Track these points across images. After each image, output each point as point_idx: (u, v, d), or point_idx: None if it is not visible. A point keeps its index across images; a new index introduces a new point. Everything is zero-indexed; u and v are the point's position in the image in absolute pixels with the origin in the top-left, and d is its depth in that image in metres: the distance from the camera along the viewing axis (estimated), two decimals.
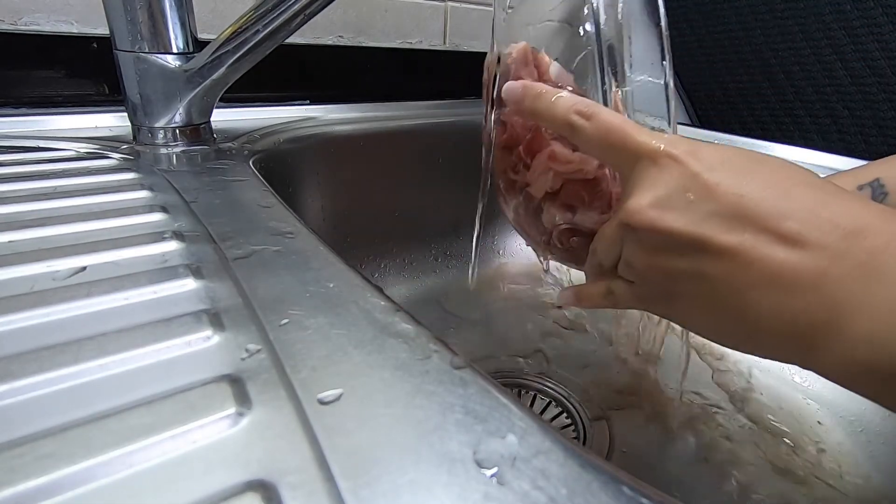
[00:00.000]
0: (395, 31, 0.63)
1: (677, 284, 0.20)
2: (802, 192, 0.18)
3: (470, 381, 0.16)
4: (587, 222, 0.26)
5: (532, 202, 0.28)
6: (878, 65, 0.50)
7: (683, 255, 0.19)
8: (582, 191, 0.25)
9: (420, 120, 0.59)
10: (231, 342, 0.17)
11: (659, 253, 0.20)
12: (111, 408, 0.14)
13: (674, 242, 0.19)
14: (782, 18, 0.56)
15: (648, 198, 0.20)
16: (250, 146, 0.43)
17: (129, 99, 0.39)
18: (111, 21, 0.36)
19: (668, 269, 0.20)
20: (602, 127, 0.21)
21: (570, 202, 0.26)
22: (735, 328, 0.19)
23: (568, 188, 0.26)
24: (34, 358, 0.16)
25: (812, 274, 0.16)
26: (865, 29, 0.50)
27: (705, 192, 0.19)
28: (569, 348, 0.52)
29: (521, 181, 0.28)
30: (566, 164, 0.25)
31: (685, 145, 0.20)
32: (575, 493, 0.12)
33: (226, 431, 0.13)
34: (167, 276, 0.21)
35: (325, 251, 0.24)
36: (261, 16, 0.36)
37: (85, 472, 0.12)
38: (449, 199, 0.61)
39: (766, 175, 0.18)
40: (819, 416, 0.43)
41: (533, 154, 0.26)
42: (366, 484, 0.12)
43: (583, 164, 0.25)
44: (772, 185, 0.18)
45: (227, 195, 0.31)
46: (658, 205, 0.20)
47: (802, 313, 0.17)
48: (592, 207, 0.26)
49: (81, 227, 0.25)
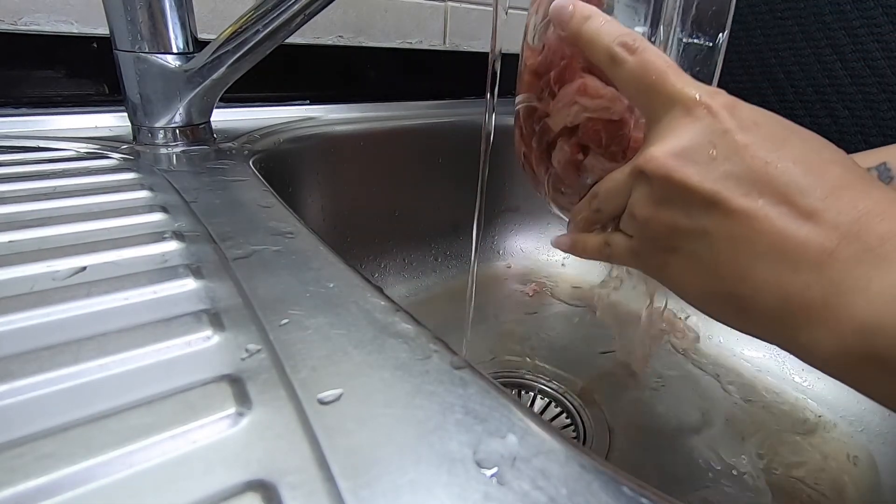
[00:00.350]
0: (395, 31, 0.63)
1: (678, 242, 0.20)
2: (830, 170, 0.17)
3: (470, 381, 0.16)
4: (597, 167, 0.25)
5: (547, 135, 0.26)
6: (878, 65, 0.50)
7: (692, 212, 0.19)
8: (602, 132, 0.24)
9: (420, 120, 0.59)
10: (231, 342, 0.17)
11: (667, 206, 0.20)
12: (111, 408, 0.14)
13: (686, 197, 0.19)
14: (782, 18, 0.56)
15: (671, 146, 0.19)
16: (250, 146, 0.43)
17: (129, 99, 0.39)
18: (111, 21, 0.36)
19: (673, 225, 0.20)
20: (644, 64, 0.20)
21: (587, 141, 0.25)
22: (727, 297, 0.19)
23: (588, 126, 0.24)
24: (34, 358, 0.16)
25: (818, 252, 0.16)
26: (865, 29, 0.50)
27: (732, 151, 0.18)
28: (569, 348, 0.52)
29: (542, 110, 0.26)
30: (595, 100, 0.24)
31: (724, 98, 0.19)
32: (575, 493, 0.12)
33: (226, 431, 0.13)
34: (167, 276, 0.21)
35: (325, 251, 0.24)
36: (261, 16, 0.36)
37: (85, 472, 0.12)
38: (449, 199, 0.61)
39: (797, 146, 0.18)
40: (819, 416, 0.43)
41: (562, 83, 0.25)
42: (366, 484, 0.12)
43: (612, 102, 0.23)
44: (801, 158, 0.17)
45: (227, 195, 0.31)
46: (679, 155, 0.19)
47: (799, 291, 0.17)
48: (608, 152, 0.24)
49: (81, 227, 0.25)
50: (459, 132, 0.60)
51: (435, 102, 0.67)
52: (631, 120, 0.24)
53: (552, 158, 0.26)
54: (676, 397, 0.45)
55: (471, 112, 0.64)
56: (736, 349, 0.49)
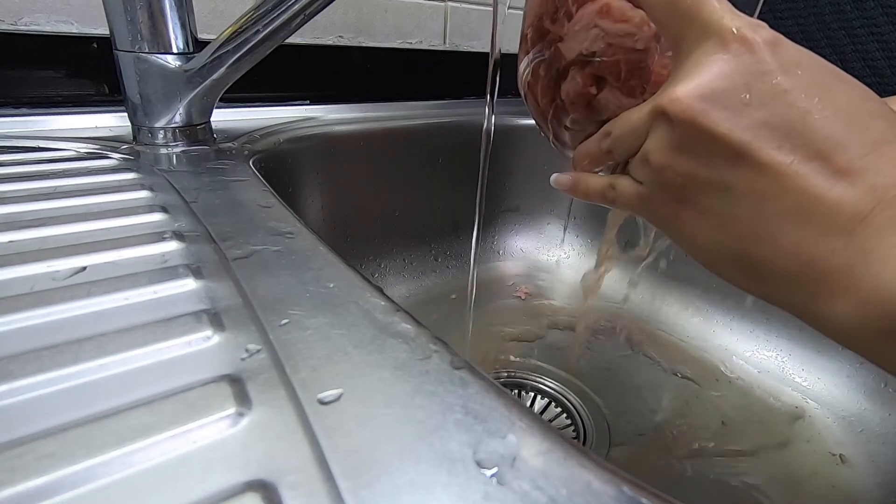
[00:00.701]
0: (395, 31, 0.63)
1: (694, 194, 0.18)
2: (874, 124, 0.16)
3: (470, 381, 0.16)
4: (612, 103, 0.22)
5: (558, 62, 0.24)
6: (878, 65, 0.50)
7: (715, 162, 0.17)
8: (622, 62, 0.21)
9: (420, 120, 0.59)
10: (231, 342, 0.17)
11: (688, 153, 0.18)
12: (111, 408, 0.14)
13: (710, 145, 0.17)
14: (782, 18, 0.56)
15: (700, 86, 0.17)
16: (250, 146, 0.43)
17: (129, 99, 0.39)
18: (111, 21, 0.36)
19: (691, 175, 0.18)
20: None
21: (604, 73, 0.22)
22: (740, 258, 0.18)
23: (607, 54, 0.22)
24: (34, 358, 0.16)
25: (850, 216, 0.15)
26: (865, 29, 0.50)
27: (770, 96, 0.16)
28: (569, 348, 0.52)
29: (555, 33, 0.23)
30: (618, 24, 0.21)
31: (767, 33, 0.17)
32: (575, 493, 0.12)
33: (226, 431, 0.13)
34: (167, 276, 0.21)
35: (325, 251, 0.24)
36: (261, 16, 0.36)
37: (85, 473, 0.12)
38: (449, 200, 0.61)
39: (842, 95, 0.16)
40: (818, 415, 0.43)
41: (582, 2, 0.22)
42: (366, 484, 0.12)
43: (638, 28, 0.21)
44: (845, 109, 0.16)
45: (227, 195, 0.31)
46: (709, 97, 0.17)
47: (823, 257, 0.15)
48: (626, 87, 0.22)
49: (81, 227, 0.25)
50: (459, 132, 0.60)
51: (435, 102, 0.67)
52: (656, 51, 0.21)
53: (561, 90, 0.24)
54: (677, 397, 0.45)
55: (471, 112, 0.64)
56: (736, 349, 0.49)
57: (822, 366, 0.45)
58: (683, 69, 0.18)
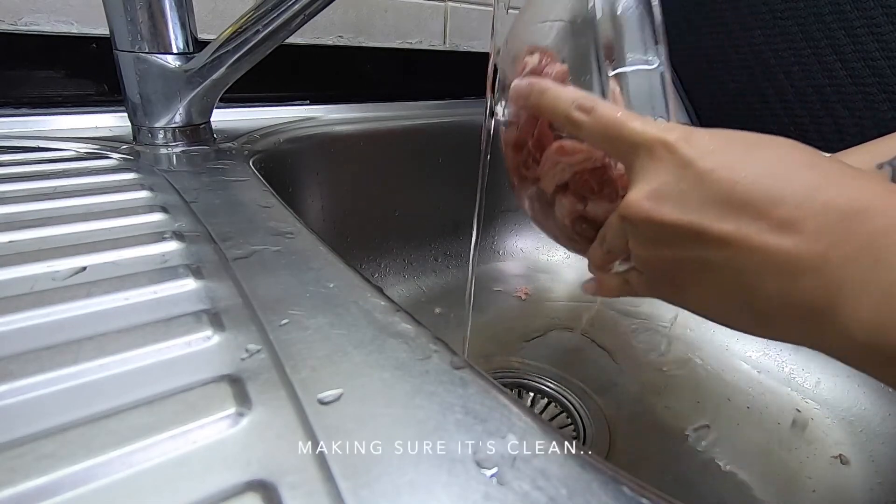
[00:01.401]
0: (395, 31, 0.63)
1: (683, 273, 0.21)
2: (800, 175, 0.17)
3: (470, 382, 0.16)
4: (599, 211, 0.26)
5: (545, 196, 0.28)
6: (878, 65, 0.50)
7: (685, 245, 0.19)
8: (591, 180, 0.26)
9: (420, 120, 0.59)
10: (231, 342, 0.17)
11: (659, 244, 0.20)
12: (111, 408, 0.14)
13: (671, 233, 0.19)
14: (782, 19, 0.56)
15: (644, 190, 0.20)
16: (250, 146, 0.43)
17: (129, 99, 0.39)
18: (111, 21, 0.36)
19: (671, 259, 0.20)
20: (601, 120, 0.22)
21: (581, 192, 0.26)
22: (744, 313, 0.19)
23: (577, 179, 0.26)
24: (34, 358, 0.16)
25: (812, 258, 0.16)
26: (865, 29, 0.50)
27: (698, 181, 0.18)
28: (570, 348, 0.52)
29: (531, 176, 0.28)
30: (573, 155, 0.25)
31: (679, 132, 0.20)
32: (575, 493, 0.12)
33: (226, 431, 0.13)
34: (167, 277, 0.21)
35: (325, 251, 0.24)
36: (261, 16, 0.36)
37: (85, 473, 0.12)
38: (449, 199, 0.61)
39: (762, 159, 0.18)
40: (818, 416, 0.43)
41: (542, 149, 0.27)
42: (366, 484, 0.12)
43: (589, 153, 0.25)
44: (768, 170, 0.17)
45: (227, 195, 0.31)
46: (653, 196, 0.20)
47: (806, 296, 0.17)
48: (602, 196, 0.26)
49: (81, 227, 0.25)
50: (459, 132, 0.60)
51: (435, 102, 0.67)
52: (613, 163, 0.25)
53: (557, 215, 0.28)
54: (677, 397, 0.45)
55: (471, 112, 0.64)
56: (736, 349, 0.49)
57: (822, 366, 0.45)
58: (632, 178, 0.21)
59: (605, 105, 0.22)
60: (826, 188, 0.17)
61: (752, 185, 0.17)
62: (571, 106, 0.23)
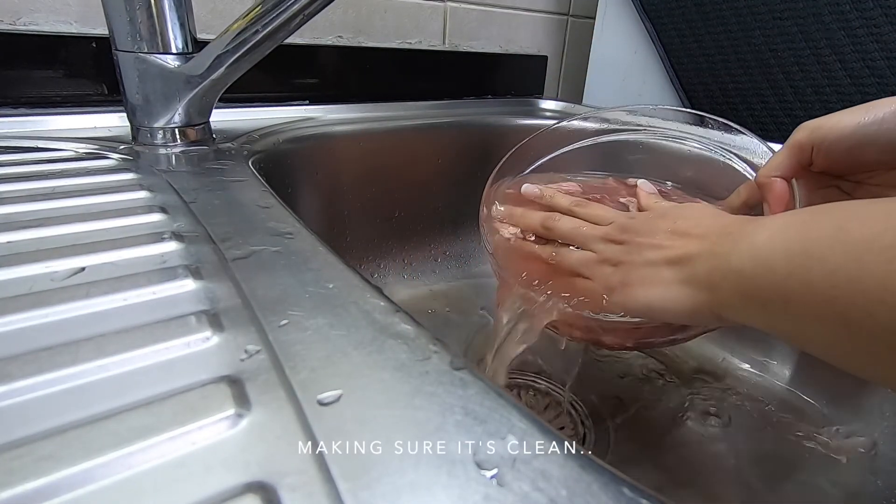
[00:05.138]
0: (394, 32, 0.63)
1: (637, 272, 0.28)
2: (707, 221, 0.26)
3: (470, 382, 0.16)
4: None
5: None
6: (877, 65, 0.50)
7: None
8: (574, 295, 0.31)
9: (420, 120, 0.59)
10: (230, 343, 0.17)
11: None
12: (110, 409, 0.14)
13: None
14: (781, 19, 0.56)
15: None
16: (249, 146, 0.43)
17: (128, 99, 0.39)
18: (111, 21, 0.36)
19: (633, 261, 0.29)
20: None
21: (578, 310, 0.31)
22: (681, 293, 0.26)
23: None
24: (33, 359, 0.15)
25: (707, 250, 0.24)
26: (865, 30, 0.50)
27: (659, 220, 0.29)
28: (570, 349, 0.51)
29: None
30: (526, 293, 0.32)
31: None
32: (575, 493, 0.12)
33: (225, 433, 0.13)
34: (166, 277, 0.20)
35: (324, 251, 0.24)
36: (261, 16, 0.36)
37: (84, 474, 0.12)
38: (449, 200, 0.61)
39: (689, 212, 0.28)
40: (819, 416, 0.43)
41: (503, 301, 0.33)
42: (365, 485, 0.12)
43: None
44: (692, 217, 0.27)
45: (227, 195, 0.31)
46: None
47: (706, 271, 0.24)
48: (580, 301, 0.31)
49: (80, 227, 0.25)
50: (459, 132, 0.60)
51: (435, 102, 0.67)
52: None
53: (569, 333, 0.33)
54: (677, 398, 0.45)
55: (470, 112, 0.64)
56: (736, 350, 0.49)
57: (822, 367, 0.45)
58: None
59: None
60: (713, 222, 0.26)
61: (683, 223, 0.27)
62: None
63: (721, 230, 0.24)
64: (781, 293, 0.20)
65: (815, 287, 0.18)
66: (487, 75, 0.73)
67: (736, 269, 0.22)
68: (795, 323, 0.20)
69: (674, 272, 0.26)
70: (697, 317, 0.25)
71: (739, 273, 0.22)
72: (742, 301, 0.22)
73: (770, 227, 0.22)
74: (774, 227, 0.21)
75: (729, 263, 0.22)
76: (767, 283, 0.20)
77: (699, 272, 0.24)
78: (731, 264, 0.22)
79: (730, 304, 0.23)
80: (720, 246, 0.24)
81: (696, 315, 0.25)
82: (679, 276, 0.25)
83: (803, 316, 0.19)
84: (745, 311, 0.22)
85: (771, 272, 0.20)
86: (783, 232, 0.21)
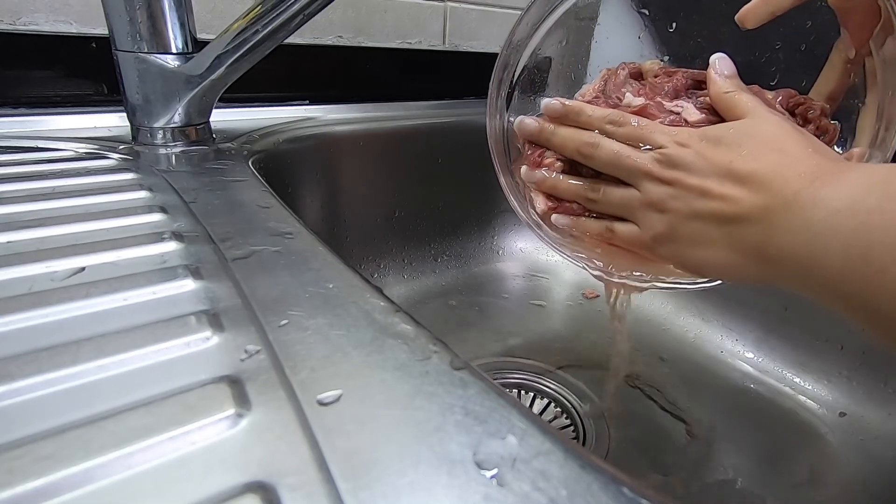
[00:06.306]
0: (394, 32, 0.63)
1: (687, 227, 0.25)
2: (769, 157, 0.23)
3: (470, 382, 0.16)
4: None
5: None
6: None
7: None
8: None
9: (420, 120, 0.59)
10: (230, 343, 0.17)
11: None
12: (110, 409, 0.14)
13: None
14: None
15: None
16: (249, 146, 0.43)
17: (128, 99, 0.39)
18: (110, 21, 0.36)
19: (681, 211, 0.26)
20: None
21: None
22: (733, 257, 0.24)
23: None
24: (33, 359, 0.15)
25: (760, 213, 0.22)
26: None
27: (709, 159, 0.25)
28: (570, 349, 0.51)
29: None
30: None
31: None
32: (575, 494, 0.12)
33: (225, 433, 0.13)
34: (166, 277, 0.20)
35: (324, 251, 0.24)
36: (261, 16, 0.36)
37: (84, 474, 0.12)
38: (449, 199, 0.61)
39: (752, 147, 0.23)
40: (818, 416, 0.43)
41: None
42: (365, 485, 0.12)
43: None
44: (752, 152, 0.23)
45: (227, 195, 0.31)
46: None
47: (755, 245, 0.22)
48: None
49: (80, 227, 0.25)
50: (459, 132, 0.60)
51: (435, 102, 0.67)
52: None
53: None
54: (677, 398, 0.45)
55: (471, 112, 0.63)
56: (735, 350, 0.49)
57: (821, 367, 0.45)
58: None
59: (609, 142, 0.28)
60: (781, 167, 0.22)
61: (740, 162, 0.23)
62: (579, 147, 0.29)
63: (783, 183, 0.21)
64: (836, 292, 0.19)
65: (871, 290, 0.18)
66: (488, 75, 0.73)
67: (789, 253, 0.21)
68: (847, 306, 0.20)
69: (722, 233, 0.23)
70: (754, 282, 0.24)
71: (793, 258, 0.20)
72: (799, 286, 0.21)
73: (836, 201, 0.19)
74: (841, 202, 0.19)
75: (782, 240, 0.21)
76: (821, 278, 0.20)
77: (749, 241, 0.22)
78: (784, 244, 0.21)
79: (784, 282, 0.22)
80: (775, 213, 0.21)
81: (753, 281, 0.23)
82: (729, 240, 0.23)
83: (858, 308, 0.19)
84: (802, 292, 0.21)
85: (823, 269, 0.19)
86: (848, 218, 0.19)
